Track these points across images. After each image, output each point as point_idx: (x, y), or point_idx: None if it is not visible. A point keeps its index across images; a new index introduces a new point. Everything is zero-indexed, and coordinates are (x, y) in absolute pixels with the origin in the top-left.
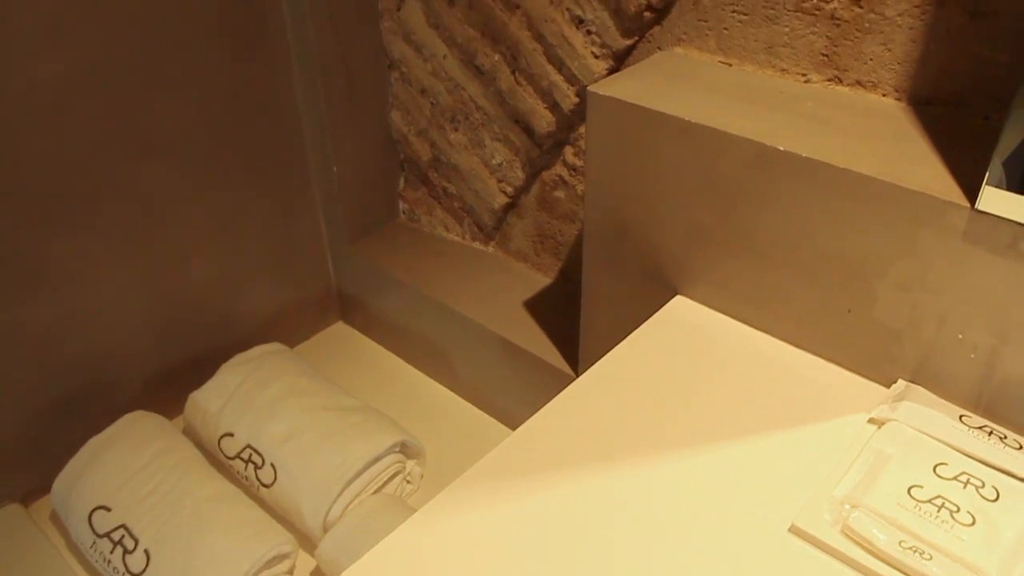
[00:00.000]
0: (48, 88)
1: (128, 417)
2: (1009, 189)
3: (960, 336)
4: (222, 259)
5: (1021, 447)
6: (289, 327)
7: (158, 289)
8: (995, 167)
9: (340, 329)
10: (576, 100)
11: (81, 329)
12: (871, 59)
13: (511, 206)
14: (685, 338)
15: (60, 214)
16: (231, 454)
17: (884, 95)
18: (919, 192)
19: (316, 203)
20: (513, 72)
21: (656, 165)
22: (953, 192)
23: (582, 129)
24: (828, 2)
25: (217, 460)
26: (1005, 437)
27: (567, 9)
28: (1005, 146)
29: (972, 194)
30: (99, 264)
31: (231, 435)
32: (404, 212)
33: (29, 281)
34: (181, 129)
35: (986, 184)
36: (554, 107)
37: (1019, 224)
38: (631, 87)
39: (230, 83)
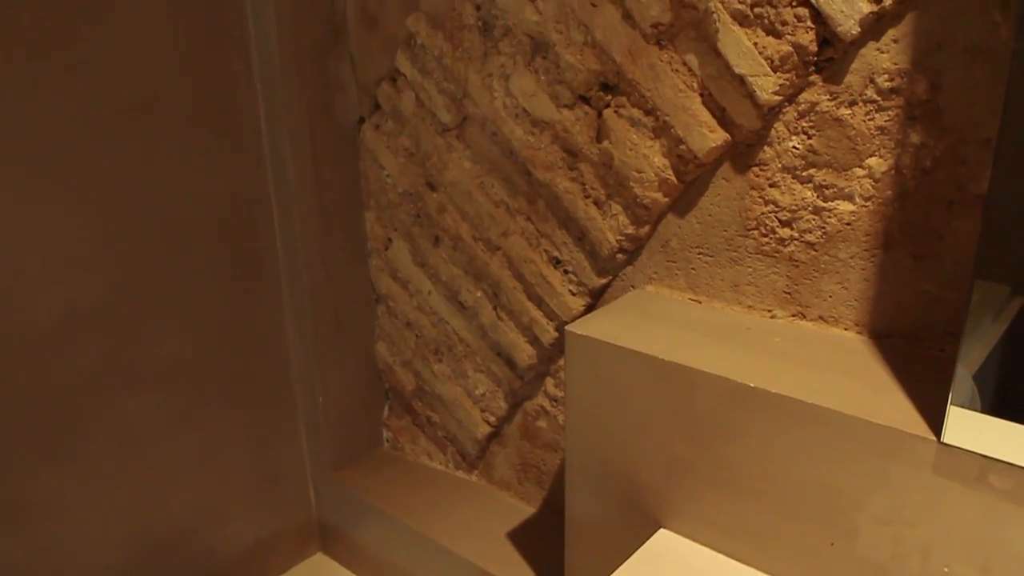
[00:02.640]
0: (45, 327)
1: None
2: (969, 423)
3: (946, 570)
4: (203, 489)
5: None
6: (269, 558)
7: (136, 521)
8: (955, 400)
9: (320, 561)
10: (555, 335)
11: (55, 565)
12: (830, 296)
13: (494, 435)
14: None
15: (42, 449)
16: None
17: (846, 329)
18: (886, 426)
19: (300, 432)
20: (495, 308)
21: (634, 400)
22: (919, 426)
23: (562, 361)
24: (785, 245)
25: None
26: None
27: (545, 251)
28: (960, 380)
29: (937, 427)
30: (78, 498)
31: None
32: (388, 440)
33: (4, 516)
34: (171, 362)
35: (948, 417)
36: (534, 341)
37: (985, 457)
38: (607, 325)
39: (222, 317)
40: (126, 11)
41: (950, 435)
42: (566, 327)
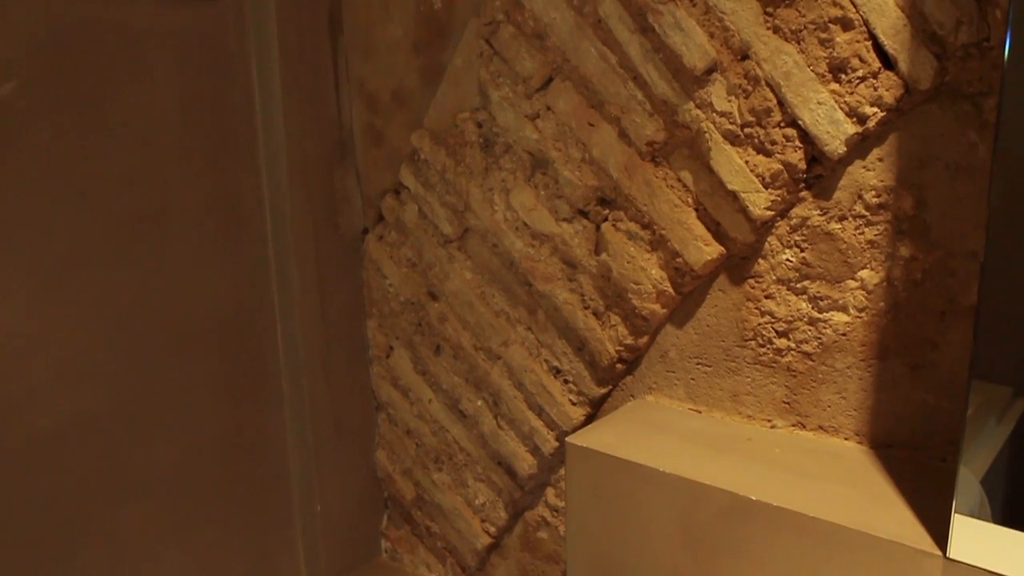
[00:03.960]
0: (45, 434)
1: None
2: (977, 534)
3: None
4: None
5: None
6: None
7: None
8: (960, 508)
9: None
10: (556, 444)
11: None
12: (829, 406)
13: (494, 546)
14: None
15: (30, 560)
16: None
17: (846, 439)
18: (892, 541)
19: (297, 542)
20: (496, 417)
21: (636, 512)
22: (924, 540)
23: (563, 471)
24: (783, 356)
25: None
26: None
27: (545, 360)
28: (965, 486)
29: (942, 541)
30: None
31: None
32: (386, 551)
33: None
34: (168, 472)
35: (953, 530)
36: (535, 451)
37: (991, 572)
38: (607, 436)
39: (221, 424)
40: (139, 127)
41: (956, 549)
42: (566, 438)
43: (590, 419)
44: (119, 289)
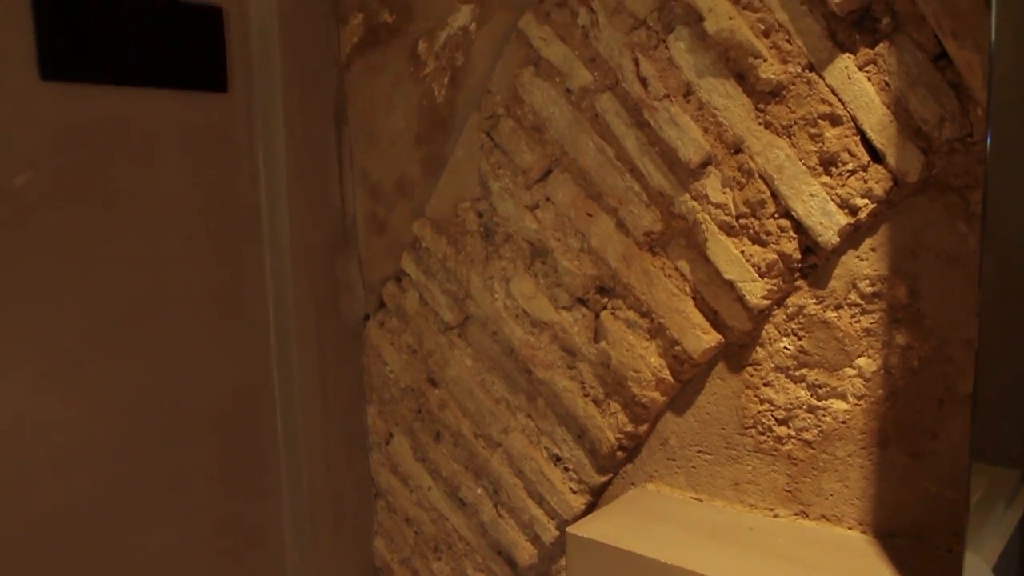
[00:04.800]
0: (40, 521)
1: None
2: None
3: None
4: None
5: None
6: None
7: None
8: None
9: None
10: (556, 533)
11: None
12: (831, 495)
13: None
14: None
15: None
16: None
17: (849, 528)
18: None
19: None
20: (495, 505)
21: None
22: None
23: (563, 561)
24: (783, 443)
25: None
26: None
27: (545, 448)
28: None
29: None
30: None
31: None
32: None
33: None
34: (163, 560)
35: None
36: (535, 540)
37: None
38: (608, 527)
39: (218, 510)
40: (145, 215)
41: None
42: (567, 529)
43: (591, 508)
44: (119, 375)
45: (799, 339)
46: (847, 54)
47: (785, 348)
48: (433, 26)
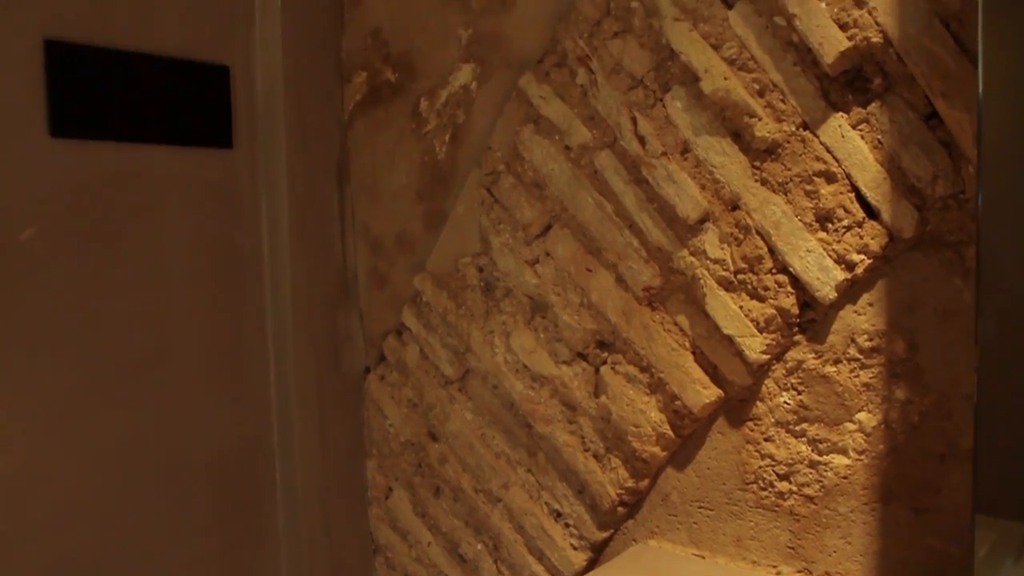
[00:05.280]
0: (45, 574)
1: None
2: None
3: None
4: None
5: None
6: None
7: None
8: None
9: None
10: None
11: None
12: (834, 551)
13: None
14: None
15: None
16: None
17: None
18: None
19: None
20: (496, 561)
21: None
22: None
23: None
24: (785, 499)
25: None
26: None
27: (546, 503)
28: None
29: None
30: None
31: None
32: None
33: None
34: None
35: None
36: None
37: None
38: None
39: (217, 569)
40: (149, 269)
41: None
42: None
43: (592, 564)
44: (119, 427)
45: (799, 394)
46: (840, 113)
47: (785, 403)
48: (435, 84)
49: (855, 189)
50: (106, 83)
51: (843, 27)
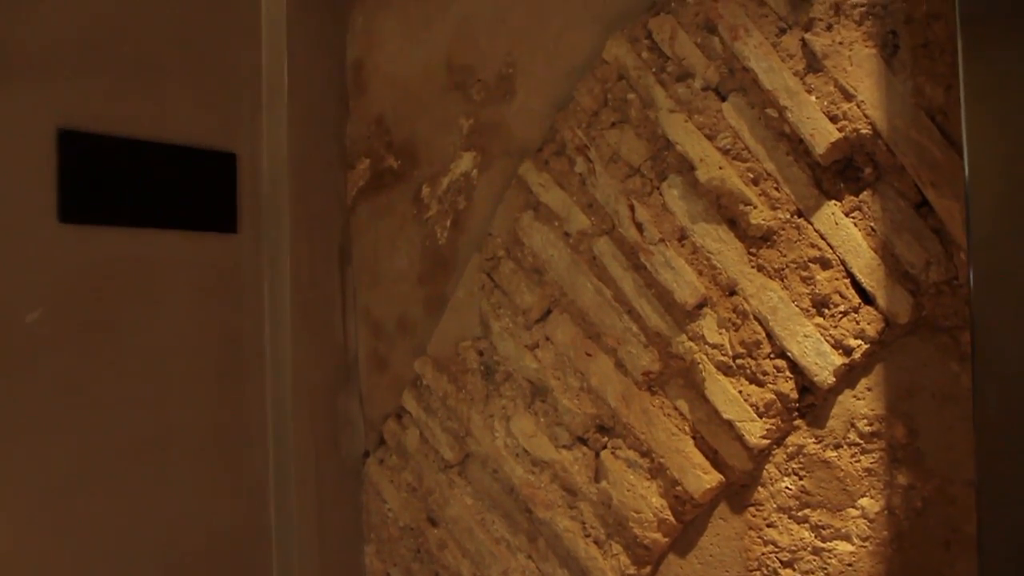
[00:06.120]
0: None
1: None
2: None
3: None
4: None
5: None
6: None
7: None
8: None
9: None
10: None
11: None
12: None
13: None
14: None
15: None
16: None
17: None
18: None
19: None
20: None
21: None
22: None
23: None
24: None
25: None
26: None
27: None
28: None
29: None
30: None
31: None
32: None
33: None
34: None
35: None
36: None
37: None
38: None
39: None
40: (151, 353)
41: None
42: None
43: None
44: (113, 512)
45: (800, 479)
46: (833, 201)
47: (787, 488)
48: (436, 171)
49: (850, 275)
50: (116, 170)
51: (833, 119)
